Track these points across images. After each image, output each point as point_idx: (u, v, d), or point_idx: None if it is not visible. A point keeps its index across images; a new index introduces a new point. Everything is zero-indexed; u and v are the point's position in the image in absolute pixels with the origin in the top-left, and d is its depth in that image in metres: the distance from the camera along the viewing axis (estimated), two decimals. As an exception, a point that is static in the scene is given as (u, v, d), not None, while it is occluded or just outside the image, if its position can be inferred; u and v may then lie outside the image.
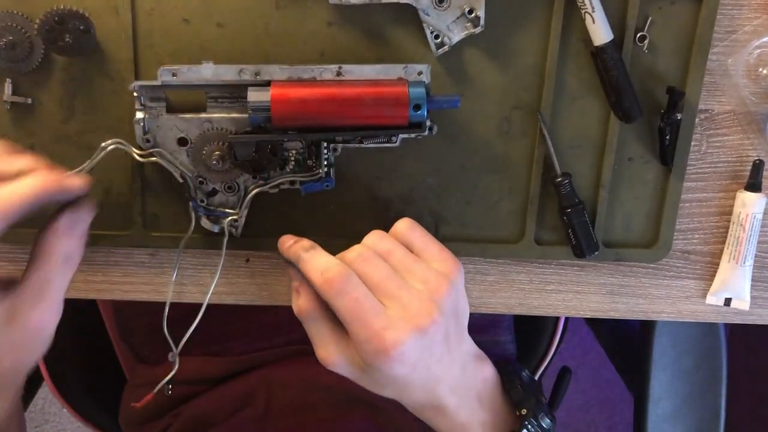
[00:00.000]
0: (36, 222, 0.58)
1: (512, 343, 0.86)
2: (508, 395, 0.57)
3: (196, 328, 0.56)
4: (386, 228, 0.55)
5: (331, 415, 0.69)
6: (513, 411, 0.56)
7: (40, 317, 0.47)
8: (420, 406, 0.55)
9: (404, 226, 0.55)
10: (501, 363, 0.59)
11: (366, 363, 0.50)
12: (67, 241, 0.48)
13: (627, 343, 0.94)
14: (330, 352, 0.52)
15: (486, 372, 0.56)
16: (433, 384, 0.52)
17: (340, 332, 0.52)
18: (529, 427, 0.55)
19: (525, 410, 0.55)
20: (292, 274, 0.54)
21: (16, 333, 0.46)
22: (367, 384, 0.53)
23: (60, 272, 0.48)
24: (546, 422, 0.56)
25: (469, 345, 0.56)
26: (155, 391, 0.58)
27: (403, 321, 0.49)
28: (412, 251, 0.54)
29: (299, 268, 0.52)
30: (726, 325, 0.72)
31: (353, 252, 0.52)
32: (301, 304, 0.52)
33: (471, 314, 0.56)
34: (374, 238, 0.53)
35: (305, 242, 0.53)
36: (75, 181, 0.48)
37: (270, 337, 0.76)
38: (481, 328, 0.82)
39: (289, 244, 0.54)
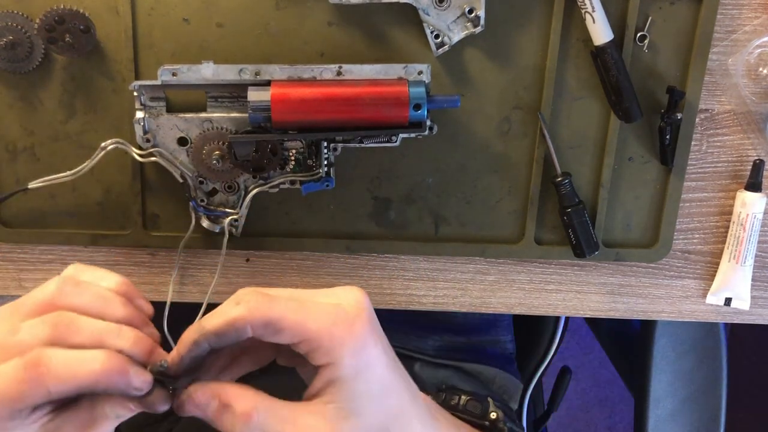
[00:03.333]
0: (36, 221, 0.58)
1: (512, 343, 0.86)
2: (464, 409, 0.54)
3: None
4: (383, 230, 0.55)
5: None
6: (475, 423, 0.53)
7: None
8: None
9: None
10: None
11: (338, 360, 0.41)
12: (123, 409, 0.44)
13: (627, 343, 0.94)
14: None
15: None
16: (396, 383, 0.44)
17: (292, 404, 0.42)
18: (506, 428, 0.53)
19: (494, 414, 0.53)
20: (234, 400, 0.41)
21: None
22: None
23: (110, 420, 0.44)
24: (500, 414, 0.53)
25: None
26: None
27: (345, 293, 0.43)
28: None
29: (208, 339, 0.41)
30: (726, 325, 0.72)
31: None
32: (246, 406, 0.41)
33: (471, 314, 0.56)
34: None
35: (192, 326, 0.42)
36: (141, 380, 0.42)
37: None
38: (481, 328, 0.82)
39: (179, 358, 0.42)
